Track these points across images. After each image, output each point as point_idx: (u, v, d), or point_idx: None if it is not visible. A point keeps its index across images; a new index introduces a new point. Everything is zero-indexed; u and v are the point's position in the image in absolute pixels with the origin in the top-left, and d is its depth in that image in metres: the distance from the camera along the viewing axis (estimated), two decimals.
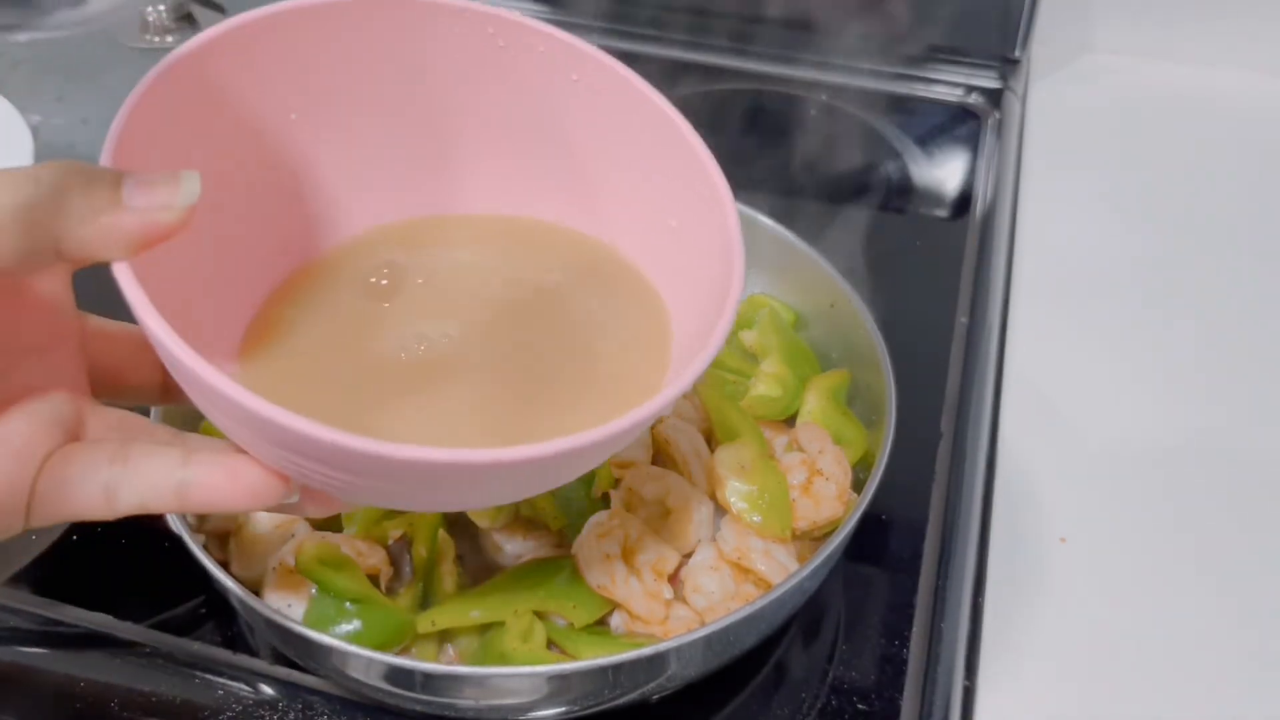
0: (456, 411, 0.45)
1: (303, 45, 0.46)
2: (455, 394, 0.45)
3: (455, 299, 0.49)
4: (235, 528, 0.59)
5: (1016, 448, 0.72)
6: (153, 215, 0.37)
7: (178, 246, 0.38)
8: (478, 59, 0.49)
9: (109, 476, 0.39)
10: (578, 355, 0.48)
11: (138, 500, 0.39)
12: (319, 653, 0.53)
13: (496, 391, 0.46)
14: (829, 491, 0.60)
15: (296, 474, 0.39)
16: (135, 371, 0.45)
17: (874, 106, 1.01)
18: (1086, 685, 0.60)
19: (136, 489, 0.39)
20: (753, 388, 0.66)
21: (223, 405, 0.36)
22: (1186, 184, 0.95)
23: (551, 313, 0.50)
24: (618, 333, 0.49)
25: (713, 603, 0.57)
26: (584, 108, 0.50)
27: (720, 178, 0.47)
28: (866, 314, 0.65)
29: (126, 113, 0.39)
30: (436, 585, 0.58)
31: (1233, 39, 1.05)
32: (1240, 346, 0.80)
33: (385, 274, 0.50)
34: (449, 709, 0.54)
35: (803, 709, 0.58)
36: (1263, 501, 0.70)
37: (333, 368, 0.46)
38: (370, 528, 0.58)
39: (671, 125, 0.48)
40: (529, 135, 0.51)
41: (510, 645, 0.53)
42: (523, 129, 0.51)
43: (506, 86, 0.50)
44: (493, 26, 0.48)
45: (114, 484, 0.39)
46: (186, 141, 0.43)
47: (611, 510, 0.59)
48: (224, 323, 0.47)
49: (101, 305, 0.44)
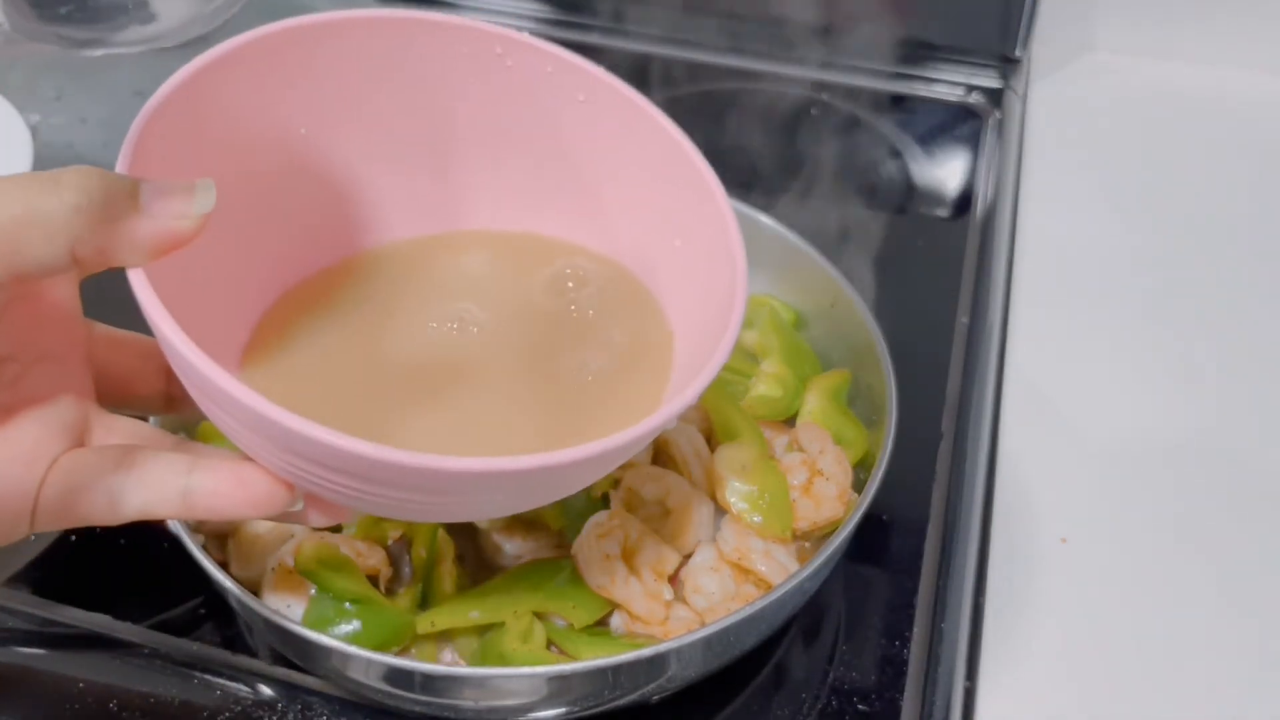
0: (465, 420, 0.46)
1: (314, 60, 0.46)
2: (464, 403, 0.46)
3: (464, 312, 0.50)
4: (234, 529, 0.59)
5: (1017, 448, 0.72)
6: (169, 223, 0.37)
7: (186, 253, 0.38)
8: (486, 78, 0.49)
9: (114, 482, 0.39)
10: (585, 367, 0.49)
11: (141, 506, 0.39)
12: (318, 653, 0.53)
13: (506, 402, 0.47)
14: (829, 492, 0.60)
15: (302, 481, 0.39)
16: (140, 380, 0.45)
17: (874, 106, 1.01)
18: (1087, 686, 0.60)
19: (141, 495, 0.39)
20: (753, 388, 0.66)
21: (232, 409, 0.36)
22: (1187, 183, 0.95)
23: (560, 326, 0.51)
24: (624, 346, 0.50)
25: (713, 603, 0.57)
26: (591, 128, 0.50)
27: (725, 201, 0.48)
28: (867, 314, 0.65)
29: (143, 121, 0.40)
30: (436, 586, 0.57)
31: (1233, 38, 1.05)
32: (1241, 346, 0.80)
33: (392, 287, 0.51)
34: (449, 710, 0.54)
35: (803, 709, 0.58)
36: (1263, 501, 0.70)
37: (338, 375, 0.47)
38: (370, 528, 0.58)
39: (678, 148, 0.48)
40: (536, 152, 0.52)
41: (510, 646, 0.53)
42: (530, 146, 0.52)
43: (515, 105, 0.50)
44: (501, 46, 0.49)
45: (119, 490, 0.39)
46: (199, 151, 0.43)
47: (611, 511, 0.59)
48: (229, 329, 0.47)
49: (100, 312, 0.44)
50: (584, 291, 0.52)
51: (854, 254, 0.76)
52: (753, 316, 0.71)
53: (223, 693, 0.58)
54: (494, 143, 0.52)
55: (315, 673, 0.57)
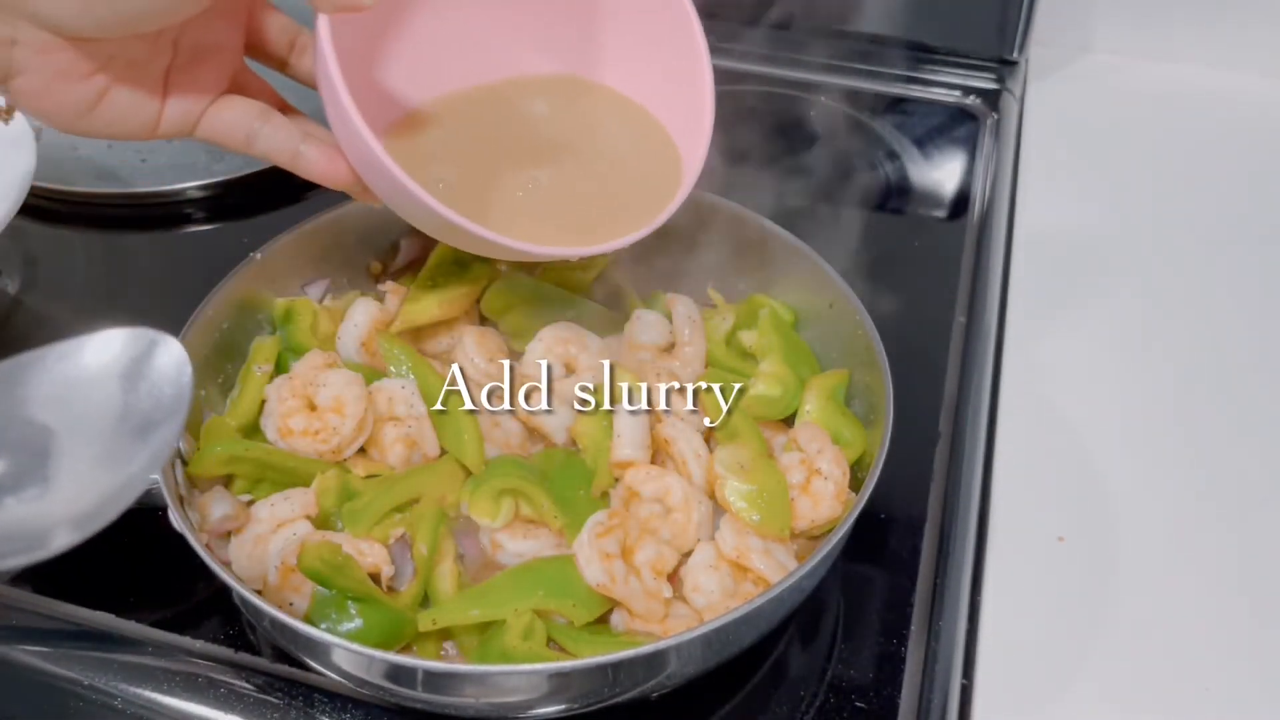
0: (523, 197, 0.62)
1: None
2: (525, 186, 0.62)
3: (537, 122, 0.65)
4: (237, 528, 0.59)
5: (1014, 447, 0.72)
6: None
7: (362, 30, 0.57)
8: None
9: (255, 127, 0.55)
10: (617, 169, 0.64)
11: (266, 149, 0.56)
12: (321, 650, 0.53)
13: (557, 190, 0.62)
14: (827, 491, 0.60)
15: (366, 178, 0.56)
16: (272, 47, 0.59)
17: (872, 108, 1.02)
18: (1084, 684, 0.60)
19: (270, 142, 0.56)
20: (752, 387, 0.67)
21: (339, 113, 0.52)
22: (1183, 184, 0.95)
23: (596, 143, 0.65)
24: (641, 154, 0.65)
25: (712, 601, 0.57)
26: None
27: (702, 36, 0.62)
28: (865, 314, 0.66)
29: None
30: (437, 584, 0.58)
31: (1231, 40, 1.06)
32: (1238, 346, 0.80)
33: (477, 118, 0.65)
34: (450, 707, 0.54)
35: (802, 707, 0.59)
36: (1261, 501, 0.70)
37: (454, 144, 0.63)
38: (371, 527, 0.58)
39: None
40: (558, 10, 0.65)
41: (511, 643, 0.54)
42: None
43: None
44: None
45: (255, 133, 0.55)
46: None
47: (611, 509, 0.59)
48: (374, 101, 0.62)
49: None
50: (609, 116, 0.66)
51: (852, 255, 0.76)
52: (752, 317, 0.71)
53: (224, 690, 0.58)
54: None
55: (318, 669, 0.57)
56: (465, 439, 0.63)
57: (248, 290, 0.68)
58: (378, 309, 0.70)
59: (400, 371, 0.66)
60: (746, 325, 0.71)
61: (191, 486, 0.60)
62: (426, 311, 0.69)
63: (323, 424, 0.62)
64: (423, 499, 0.60)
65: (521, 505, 0.61)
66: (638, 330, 0.70)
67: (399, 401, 0.64)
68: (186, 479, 0.60)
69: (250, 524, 0.59)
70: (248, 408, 0.64)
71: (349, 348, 0.69)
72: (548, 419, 0.65)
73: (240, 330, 0.68)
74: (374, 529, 0.58)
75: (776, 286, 0.72)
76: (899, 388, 0.61)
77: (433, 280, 0.71)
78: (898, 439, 0.59)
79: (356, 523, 0.58)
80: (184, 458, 0.61)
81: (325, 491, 0.60)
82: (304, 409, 0.63)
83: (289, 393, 0.63)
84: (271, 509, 0.59)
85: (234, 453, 0.61)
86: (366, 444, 0.64)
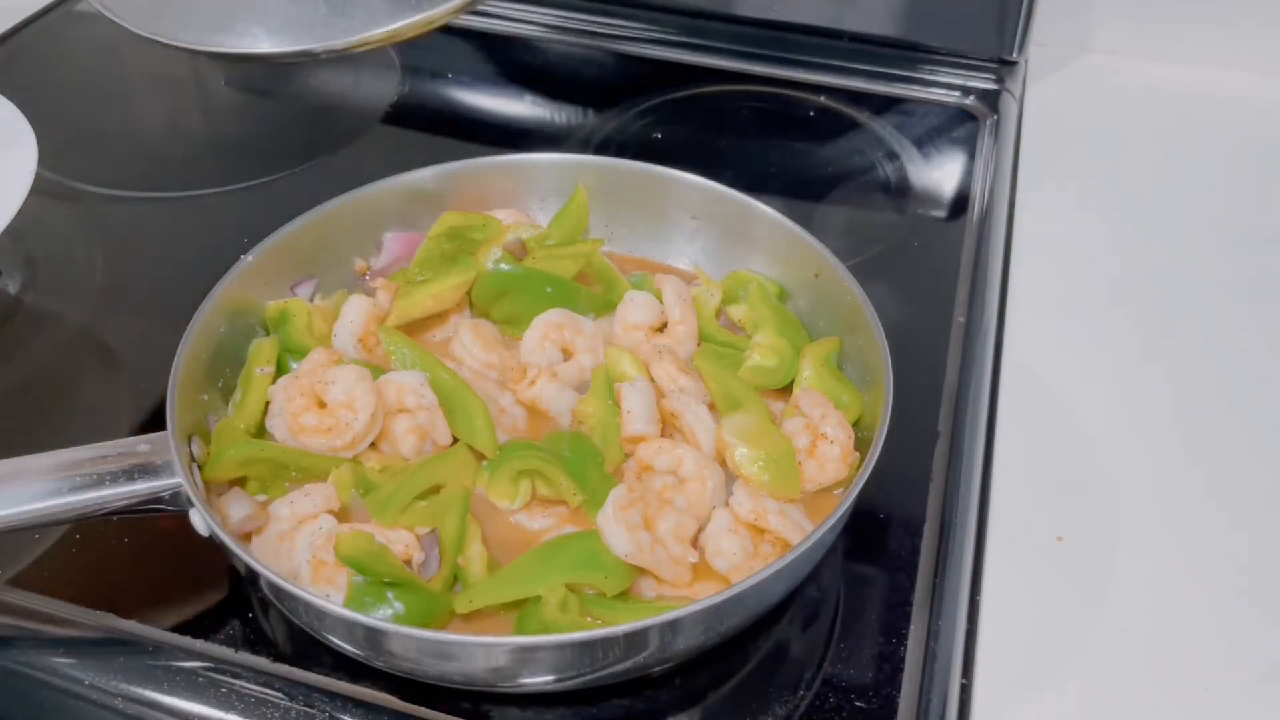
0: None
1: None
2: None
3: None
4: (258, 529, 0.59)
5: (1013, 446, 0.72)
6: None
7: None
8: None
9: None
10: None
11: None
12: (376, 638, 0.53)
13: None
14: (833, 454, 0.62)
15: None
16: None
17: (872, 108, 1.02)
18: (1083, 683, 0.61)
19: None
20: (748, 359, 0.68)
21: None
22: (1183, 185, 0.95)
23: None
24: None
25: (735, 563, 0.59)
26: None
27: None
28: (851, 279, 0.67)
29: None
30: (466, 568, 0.59)
31: (1230, 40, 1.06)
32: (1238, 346, 0.80)
33: None
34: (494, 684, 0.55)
35: (800, 706, 0.59)
36: (1260, 501, 0.70)
37: None
38: (398, 516, 0.59)
39: None
40: None
41: (550, 615, 0.54)
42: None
43: None
44: None
45: None
46: None
47: (629, 483, 0.60)
48: None
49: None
50: None
51: (852, 254, 0.75)
52: (740, 291, 0.73)
53: (228, 690, 0.58)
54: None
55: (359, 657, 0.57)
56: (477, 425, 0.63)
57: (241, 293, 0.68)
58: (371, 304, 0.70)
59: (405, 363, 0.66)
60: (732, 300, 0.73)
61: (205, 491, 0.60)
62: (420, 305, 0.70)
63: (335, 420, 0.62)
64: (445, 485, 0.61)
65: (539, 485, 0.62)
66: (630, 311, 0.71)
67: (408, 392, 0.64)
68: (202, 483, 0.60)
69: (271, 523, 0.59)
70: (253, 410, 0.64)
71: (346, 344, 0.69)
72: (552, 402, 0.67)
73: (235, 334, 0.68)
74: (400, 519, 0.59)
75: (760, 261, 0.74)
76: (898, 387, 0.61)
77: (422, 274, 0.71)
78: (897, 439, 0.59)
79: (384, 513, 0.59)
80: (198, 462, 0.61)
81: (342, 486, 0.61)
82: (314, 407, 0.63)
83: (297, 391, 0.63)
84: (292, 506, 0.60)
85: (250, 454, 0.61)
86: (377, 437, 0.64)
